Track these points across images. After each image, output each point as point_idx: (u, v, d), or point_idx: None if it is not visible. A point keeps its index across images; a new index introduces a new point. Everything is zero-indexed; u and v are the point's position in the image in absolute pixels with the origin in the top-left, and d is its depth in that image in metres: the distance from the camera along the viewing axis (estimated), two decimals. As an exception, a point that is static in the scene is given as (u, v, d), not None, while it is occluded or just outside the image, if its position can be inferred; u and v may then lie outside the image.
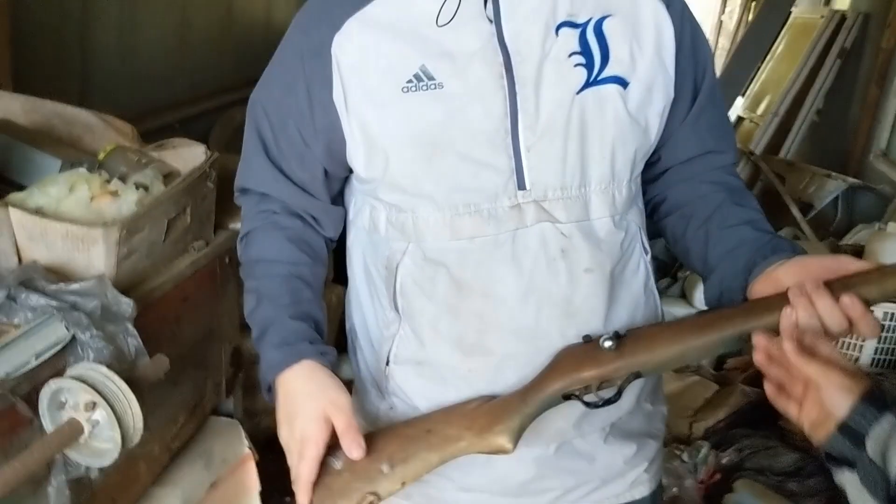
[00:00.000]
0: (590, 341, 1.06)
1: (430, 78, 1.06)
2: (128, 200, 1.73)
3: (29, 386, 1.30)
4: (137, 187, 1.77)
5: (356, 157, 1.12)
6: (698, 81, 1.17)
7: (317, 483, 1.05)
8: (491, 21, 1.07)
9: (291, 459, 1.07)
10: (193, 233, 1.93)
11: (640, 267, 1.17)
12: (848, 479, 0.80)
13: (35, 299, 1.41)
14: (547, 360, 1.07)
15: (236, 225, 2.28)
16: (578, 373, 1.03)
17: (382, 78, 1.08)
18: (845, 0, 5.71)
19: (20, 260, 1.61)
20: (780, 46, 6.22)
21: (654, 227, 1.25)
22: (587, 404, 1.05)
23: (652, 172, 1.22)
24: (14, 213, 1.59)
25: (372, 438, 1.07)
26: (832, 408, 0.85)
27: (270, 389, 1.12)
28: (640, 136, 1.13)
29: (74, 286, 1.47)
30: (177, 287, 1.82)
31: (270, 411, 1.15)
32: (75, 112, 2.12)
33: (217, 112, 4.42)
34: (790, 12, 6.01)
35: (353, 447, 1.03)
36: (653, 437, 1.27)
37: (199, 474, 1.88)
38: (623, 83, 1.10)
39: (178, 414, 1.84)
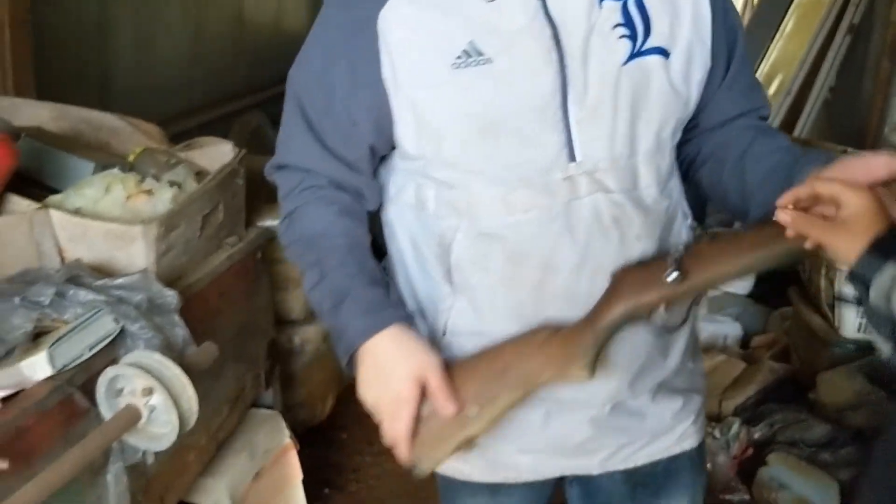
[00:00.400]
0: (646, 264, 1.08)
1: (479, 54, 1.06)
2: (163, 198, 1.77)
3: (84, 376, 1.34)
4: (171, 185, 1.81)
5: (405, 135, 1.13)
6: (731, 48, 1.19)
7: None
8: None
9: (384, 421, 1.09)
10: (227, 229, 1.97)
11: (682, 231, 1.20)
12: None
13: (83, 295, 1.45)
14: None
15: (265, 222, 2.33)
16: (642, 297, 1.05)
17: (432, 54, 1.08)
18: (851, -25, 5.70)
19: (62, 260, 1.65)
20: (788, 25, 6.21)
21: (691, 185, 1.27)
22: (661, 327, 1.09)
23: (687, 136, 1.24)
24: (55, 215, 1.63)
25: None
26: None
27: (351, 358, 1.12)
28: (681, 105, 1.15)
29: (120, 281, 1.51)
30: (214, 282, 1.86)
31: (306, 403, 1.18)
32: (102, 116, 2.17)
33: (233, 116, 4.47)
34: (797, -10, 6.00)
35: (447, 405, 1.06)
36: (697, 392, 1.30)
37: (243, 464, 1.91)
38: (665, 54, 1.12)
39: (221, 406, 1.88)
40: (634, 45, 1.10)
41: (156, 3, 3.66)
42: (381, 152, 1.19)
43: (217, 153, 2.05)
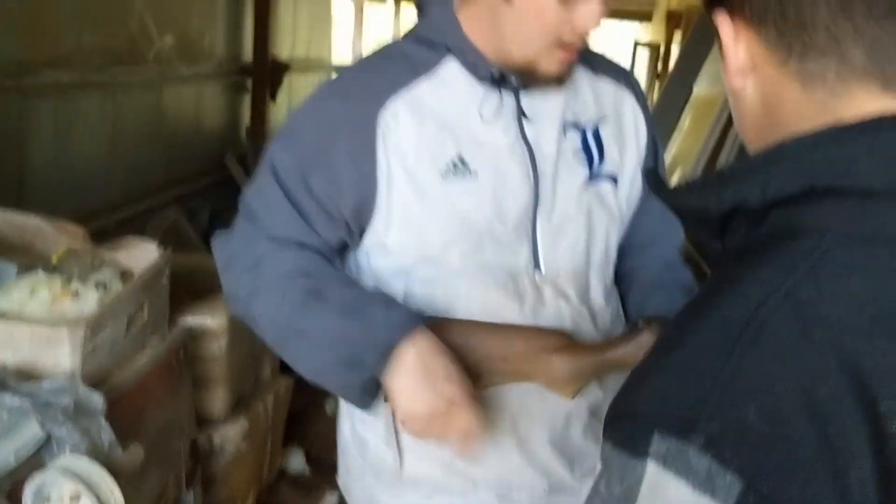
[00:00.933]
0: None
1: (466, 165, 1.19)
2: (88, 300, 1.79)
3: (10, 483, 1.34)
4: (97, 286, 1.83)
5: (387, 228, 1.21)
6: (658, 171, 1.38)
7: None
8: (516, 120, 1.22)
9: (440, 407, 1.09)
10: (150, 328, 1.99)
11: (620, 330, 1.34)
12: None
13: (9, 400, 1.45)
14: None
15: (187, 319, 2.35)
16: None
17: (426, 163, 1.19)
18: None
19: (-14, 364, 1.64)
20: (685, 123, 6.59)
21: None
22: None
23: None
24: (-20, 319, 1.64)
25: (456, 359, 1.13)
26: None
27: (384, 353, 1.11)
28: (622, 225, 1.33)
29: (46, 385, 1.52)
30: (139, 382, 1.87)
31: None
32: (24, 218, 2.17)
33: (151, 212, 4.47)
34: (692, 90, 6.40)
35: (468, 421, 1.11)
36: None
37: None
38: (615, 179, 1.29)
39: (144, 508, 1.86)
40: (591, 171, 1.26)
41: (74, 98, 3.69)
42: (346, 238, 1.26)
43: (141, 253, 2.08)
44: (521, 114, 1.22)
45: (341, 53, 9.06)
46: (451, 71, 1.22)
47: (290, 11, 6.65)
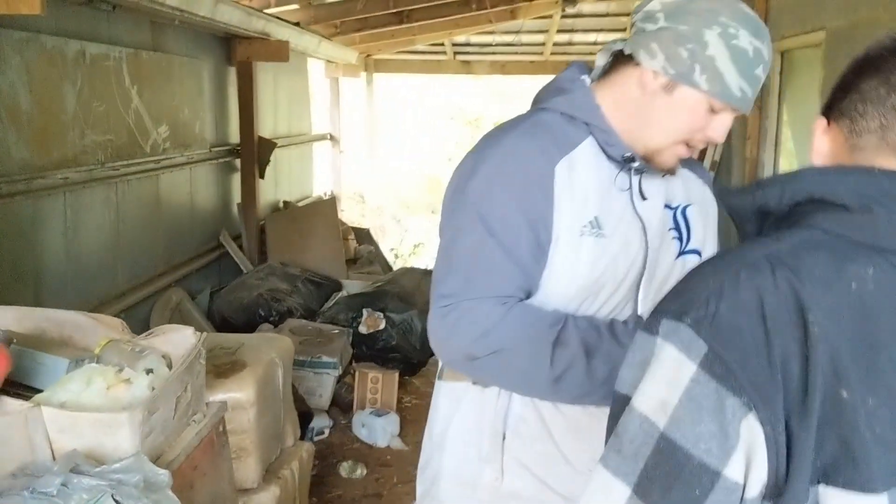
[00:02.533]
0: None
1: (599, 227, 1.40)
2: (140, 385, 1.95)
3: (100, 556, 1.49)
4: (146, 372, 1.99)
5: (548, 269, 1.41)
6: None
7: None
8: (634, 196, 1.44)
9: None
10: (193, 407, 2.15)
11: None
12: None
13: (87, 482, 1.61)
14: None
15: (217, 396, 2.51)
16: None
17: (571, 216, 1.40)
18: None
19: (52, 451, 1.80)
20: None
21: None
22: None
23: None
24: (46, 411, 1.80)
25: None
26: None
27: None
28: None
29: (117, 465, 1.68)
30: (188, 457, 2.02)
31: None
32: (65, 314, 2.34)
33: (155, 295, 4.64)
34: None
35: None
36: None
37: None
38: (699, 254, 1.51)
39: (202, 574, 2.00)
40: (681, 245, 1.49)
41: (81, 193, 3.87)
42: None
43: (178, 338, 2.25)
44: (640, 192, 1.45)
45: (319, 126, 9.33)
46: (588, 146, 1.44)
47: (271, 90, 6.91)
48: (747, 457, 0.75)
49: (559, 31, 9.68)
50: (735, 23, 1.33)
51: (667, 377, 0.78)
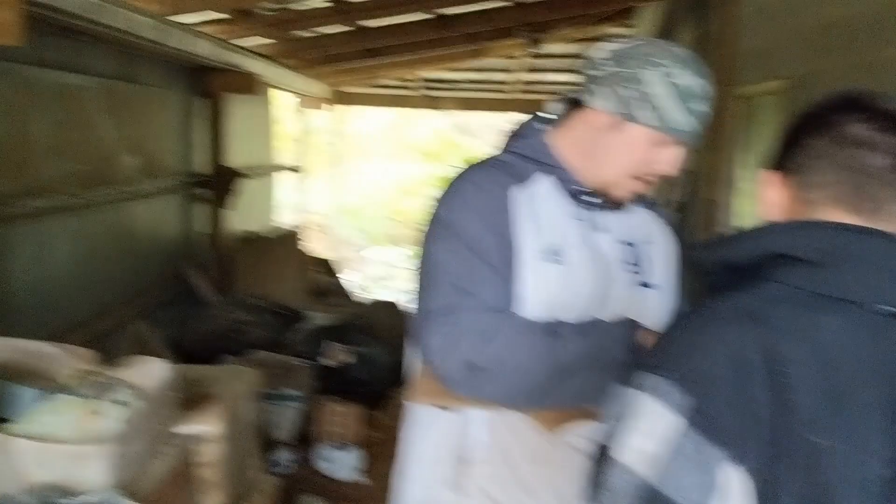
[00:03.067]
0: None
1: (557, 255, 1.49)
2: (112, 417, 1.96)
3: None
4: (117, 404, 2.00)
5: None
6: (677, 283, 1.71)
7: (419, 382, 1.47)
8: (590, 230, 1.53)
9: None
10: (163, 438, 2.16)
11: None
12: None
13: (60, 514, 1.61)
14: None
15: (186, 429, 2.51)
16: None
17: (531, 243, 1.48)
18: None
19: (23, 483, 1.80)
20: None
21: None
22: None
23: None
24: (18, 442, 1.80)
25: None
26: None
27: (630, 345, 1.43)
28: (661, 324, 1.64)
29: (89, 498, 1.68)
30: (158, 490, 2.02)
31: None
32: (34, 345, 2.33)
33: (120, 326, 4.60)
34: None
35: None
36: None
37: None
38: (657, 288, 1.60)
39: None
40: (639, 279, 1.58)
41: (50, 222, 3.85)
42: None
43: (148, 369, 2.26)
44: (597, 225, 1.54)
45: (283, 157, 9.35)
46: (545, 181, 1.54)
47: (239, 121, 6.93)
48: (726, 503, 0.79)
49: (525, 71, 9.85)
50: (675, 63, 1.47)
51: (648, 430, 0.82)
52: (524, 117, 1.68)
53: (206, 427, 2.62)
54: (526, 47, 7.97)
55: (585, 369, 1.40)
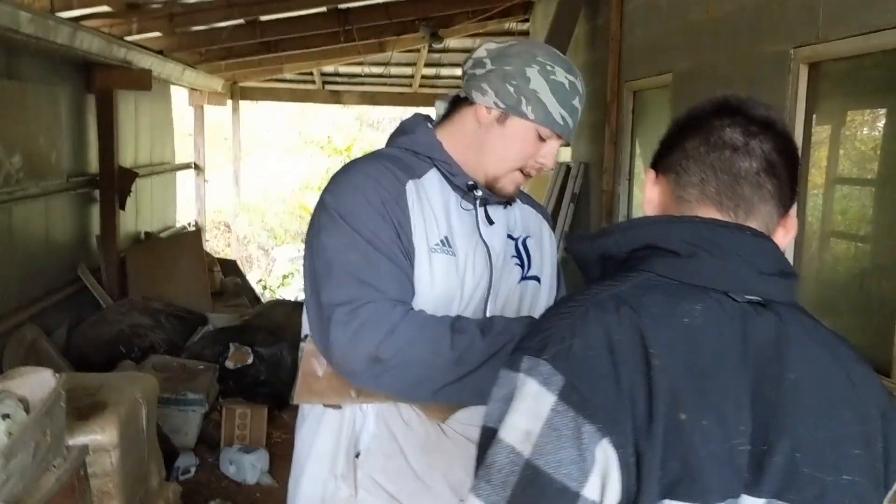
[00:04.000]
0: None
1: (448, 245, 1.52)
2: (-4, 431, 1.88)
3: None
4: (3, 418, 1.92)
5: None
6: (558, 271, 1.76)
7: (302, 381, 1.43)
8: (479, 223, 1.57)
9: None
10: (53, 451, 2.08)
11: None
12: None
13: (-61, 536, 1.54)
14: None
15: (78, 439, 2.43)
16: None
17: (423, 234, 1.50)
18: (567, 153, 6.69)
19: None
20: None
21: None
22: None
23: None
24: None
25: None
26: None
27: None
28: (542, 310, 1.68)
29: (-29, 517, 1.61)
30: (50, 503, 1.95)
31: None
32: None
33: (8, 333, 4.42)
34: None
35: None
36: None
37: None
38: (538, 280, 1.66)
39: None
40: (523, 272, 1.64)
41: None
42: None
43: (36, 380, 2.17)
44: (486, 218, 1.58)
45: (182, 154, 9.13)
46: (434, 176, 1.57)
47: (132, 119, 6.74)
48: (602, 478, 0.84)
49: (427, 65, 9.88)
50: (551, 61, 1.54)
51: (529, 409, 0.86)
52: (410, 115, 1.72)
53: (100, 436, 2.55)
54: (426, 41, 7.99)
55: (487, 366, 1.41)
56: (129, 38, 5.72)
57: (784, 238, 1.03)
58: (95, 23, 5.42)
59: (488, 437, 0.89)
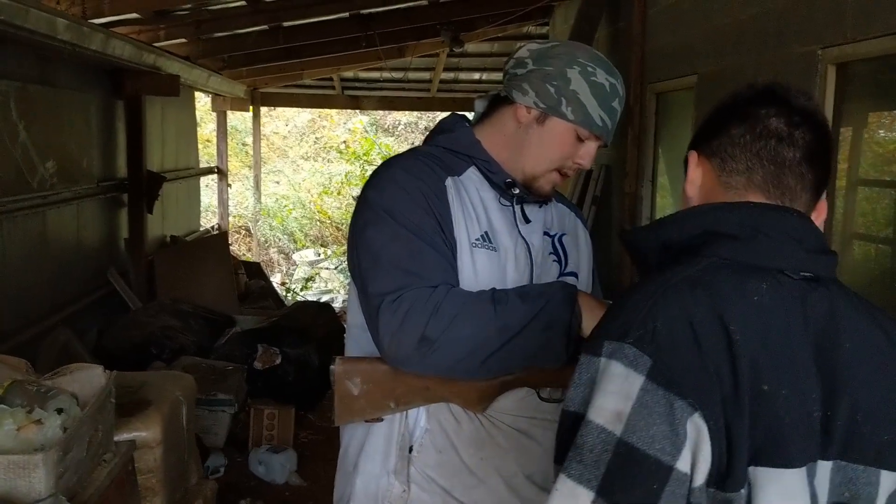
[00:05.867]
0: None
1: (489, 241, 1.55)
2: (52, 426, 1.94)
3: None
4: (58, 412, 1.98)
5: None
6: (593, 267, 1.78)
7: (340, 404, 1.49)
8: (518, 220, 1.60)
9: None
10: (104, 446, 2.14)
11: None
12: None
13: (5, 524, 1.60)
14: None
15: (123, 435, 2.49)
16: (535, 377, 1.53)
17: (464, 229, 1.54)
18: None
19: (-38, 497, 1.77)
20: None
21: None
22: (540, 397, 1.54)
23: None
24: (-44, 455, 1.77)
25: (387, 378, 1.50)
26: None
27: (572, 304, 1.45)
28: None
29: (35, 507, 1.67)
30: (101, 497, 2.01)
31: None
32: (-37, 356, 2.29)
33: (42, 336, 4.49)
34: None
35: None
36: None
37: None
38: (576, 275, 1.68)
39: None
40: (561, 267, 1.66)
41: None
42: None
43: (85, 377, 2.24)
44: (523, 216, 1.61)
45: (207, 159, 9.23)
46: (473, 173, 1.60)
47: (159, 124, 6.83)
48: (694, 451, 0.88)
49: (445, 70, 9.93)
50: (592, 63, 1.57)
51: (618, 390, 0.90)
52: (446, 114, 1.75)
53: (145, 433, 2.60)
54: (447, 46, 8.04)
55: (530, 329, 1.44)
56: (156, 45, 5.80)
57: (817, 220, 1.08)
58: (124, 29, 5.51)
59: (571, 420, 0.93)
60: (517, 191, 1.61)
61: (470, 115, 1.73)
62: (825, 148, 1.06)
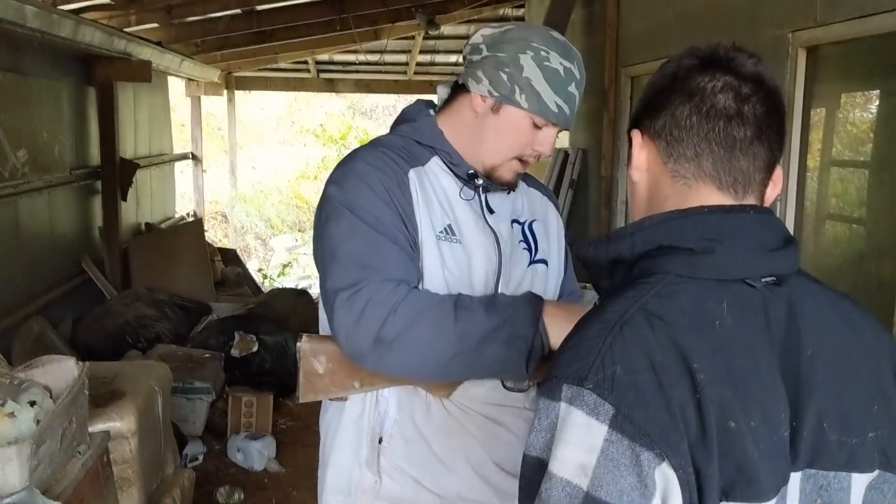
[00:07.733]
0: None
1: (453, 234, 1.53)
2: (25, 418, 1.93)
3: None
4: (31, 405, 1.97)
5: None
6: (566, 254, 1.76)
7: (304, 381, 1.46)
8: (483, 210, 1.57)
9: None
10: (77, 438, 2.14)
11: None
12: None
13: (-23, 519, 1.60)
14: None
15: (97, 426, 2.48)
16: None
17: (428, 222, 1.52)
18: (564, 139, 6.72)
19: (-65, 492, 1.76)
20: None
21: None
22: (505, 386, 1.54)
23: None
24: (-73, 450, 1.76)
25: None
26: None
27: (535, 319, 1.40)
28: (553, 292, 1.69)
29: (7, 500, 1.67)
30: (75, 490, 2.01)
31: None
32: (-67, 350, 2.27)
33: (14, 326, 4.45)
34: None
35: None
36: None
37: None
38: (546, 263, 1.66)
39: None
40: (531, 256, 1.64)
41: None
42: None
43: (59, 369, 2.22)
44: (487, 206, 1.59)
45: (181, 145, 9.15)
46: (435, 165, 1.58)
47: (131, 111, 6.76)
48: (664, 499, 0.83)
49: (422, 52, 9.89)
50: (546, 47, 1.52)
51: (580, 441, 0.84)
52: (411, 101, 1.72)
53: (119, 424, 2.60)
54: (423, 28, 8.01)
55: (492, 342, 1.40)
56: (127, 30, 5.74)
57: (772, 192, 1.02)
58: (94, 15, 5.44)
59: (533, 466, 0.88)
60: (480, 181, 1.59)
61: (437, 100, 1.69)
62: (778, 117, 0.98)
